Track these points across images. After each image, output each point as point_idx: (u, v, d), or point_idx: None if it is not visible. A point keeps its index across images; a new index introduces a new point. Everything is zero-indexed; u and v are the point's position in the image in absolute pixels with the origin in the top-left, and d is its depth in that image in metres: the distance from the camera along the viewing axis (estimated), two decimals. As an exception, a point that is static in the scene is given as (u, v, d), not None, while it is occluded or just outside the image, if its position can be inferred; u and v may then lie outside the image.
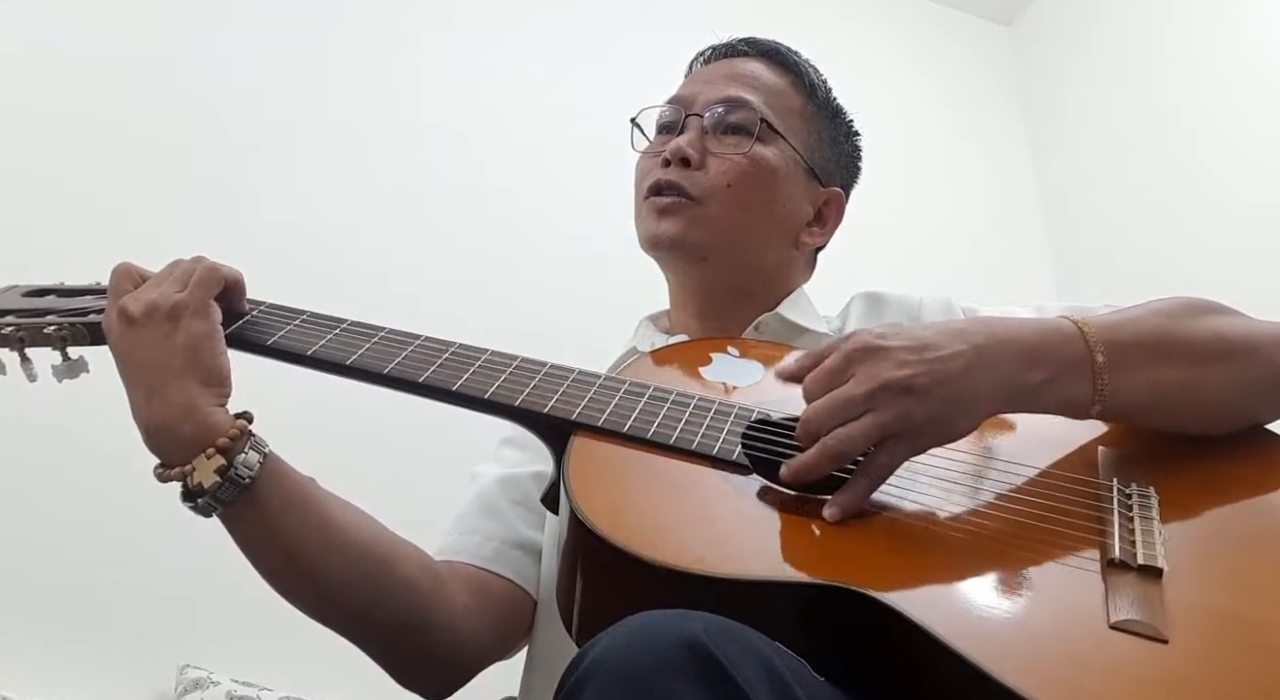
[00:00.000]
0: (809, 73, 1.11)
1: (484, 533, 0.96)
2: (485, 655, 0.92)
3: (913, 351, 0.70)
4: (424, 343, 0.83)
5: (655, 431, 0.75)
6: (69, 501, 1.70)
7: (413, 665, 0.89)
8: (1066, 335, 0.75)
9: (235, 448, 0.75)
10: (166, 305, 0.77)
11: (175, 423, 0.74)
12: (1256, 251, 2.29)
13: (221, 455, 0.74)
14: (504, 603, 0.93)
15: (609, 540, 0.63)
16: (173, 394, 0.75)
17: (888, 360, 0.70)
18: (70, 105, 1.97)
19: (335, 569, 0.80)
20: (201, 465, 0.74)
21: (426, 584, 0.86)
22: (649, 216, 1.02)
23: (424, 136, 2.27)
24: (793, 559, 0.65)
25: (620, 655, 0.52)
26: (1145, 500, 0.72)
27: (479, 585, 0.92)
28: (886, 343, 0.71)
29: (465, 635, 0.88)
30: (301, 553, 0.79)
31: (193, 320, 0.77)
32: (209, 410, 0.75)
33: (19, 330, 0.83)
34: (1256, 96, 2.39)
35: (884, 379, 0.69)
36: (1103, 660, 0.58)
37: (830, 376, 0.71)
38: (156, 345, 0.76)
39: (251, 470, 0.75)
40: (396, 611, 0.84)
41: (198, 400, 0.75)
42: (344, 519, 0.82)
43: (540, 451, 0.99)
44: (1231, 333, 0.80)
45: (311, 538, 0.79)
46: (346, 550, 0.81)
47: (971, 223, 2.84)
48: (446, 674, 0.90)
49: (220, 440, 0.74)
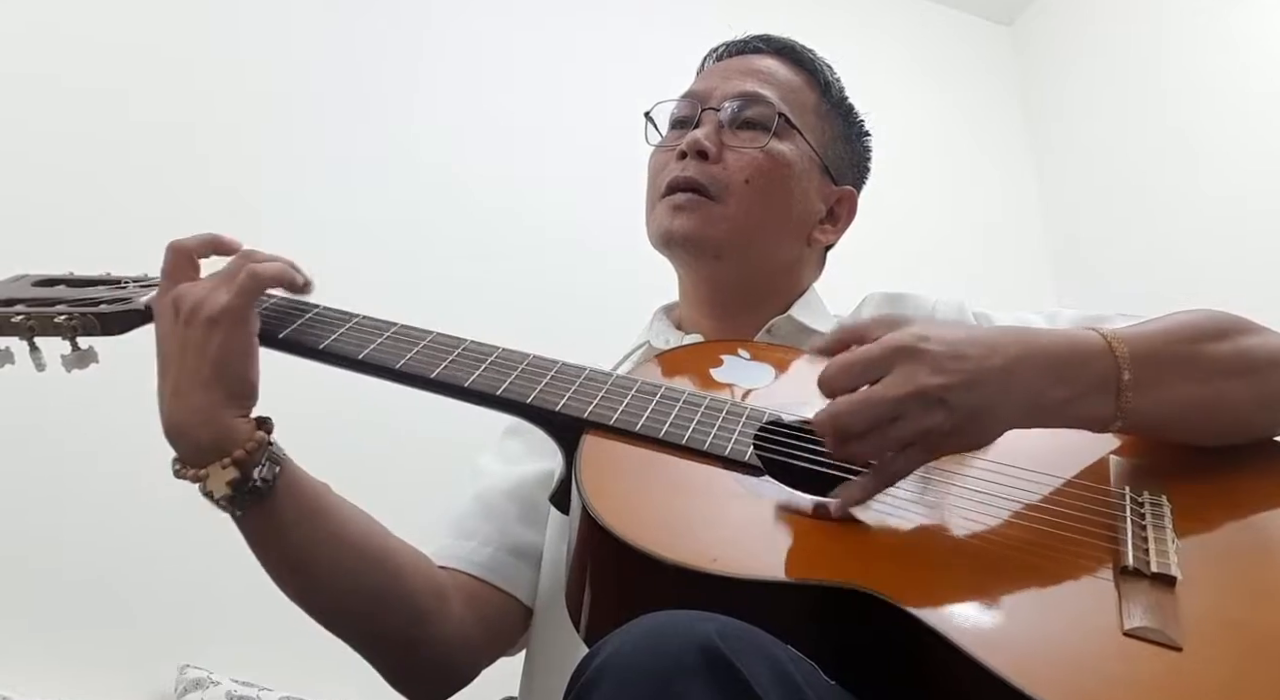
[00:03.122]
0: (824, 71, 1.11)
1: (481, 536, 0.96)
2: (475, 664, 0.93)
3: (952, 359, 0.68)
4: (435, 339, 0.83)
5: (667, 431, 0.75)
6: (70, 501, 1.69)
7: (406, 674, 0.90)
8: (1096, 351, 0.74)
9: (251, 461, 0.75)
10: (210, 311, 0.76)
11: (195, 428, 0.75)
12: (1256, 251, 2.29)
13: (236, 467, 0.74)
14: (496, 613, 0.94)
15: (622, 539, 0.63)
16: (197, 399, 0.75)
17: (926, 365, 0.68)
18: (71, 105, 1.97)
19: (340, 581, 0.82)
20: (216, 474, 0.74)
21: (428, 600, 0.87)
22: (664, 213, 1.01)
23: (424, 136, 2.27)
24: (805, 561, 0.65)
25: (632, 656, 0.52)
26: (1158, 509, 0.72)
27: (473, 596, 0.92)
28: (930, 347, 0.69)
29: (458, 647, 0.90)
30: (308, 563, 0.81)
31: (231, 331, 0.76)
32: (230, 421, 0.75)
33: (29, 319, 0.82)
34: (1256, 96, 2.39)
35: (920, 384, 0.67)
36: (1117, 668, 0.58)
37: (865, 368, 0.69)
38: (191, 348, 0.76)
39: (266, 482, 0.76)
40: (395, 626, 0.85)
41: (220, 410, 0.75)
42: (354, 532, 0.83)
43: (542, 444, 0.99)
44: (1255, 348, 0.80)
45: (319, 550, 0.80)
46: (353, 564, 0.82)
47: (971, 222, 2.84)
48: (438, 683, 0.92)
49: (237, 452, 0.74)
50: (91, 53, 2.02)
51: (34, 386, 0.92)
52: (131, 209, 1.91)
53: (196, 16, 2.16)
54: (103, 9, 2.07)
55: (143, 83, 2.05)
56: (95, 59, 2.02)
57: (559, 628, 0.87)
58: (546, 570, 0.96)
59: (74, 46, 2.01)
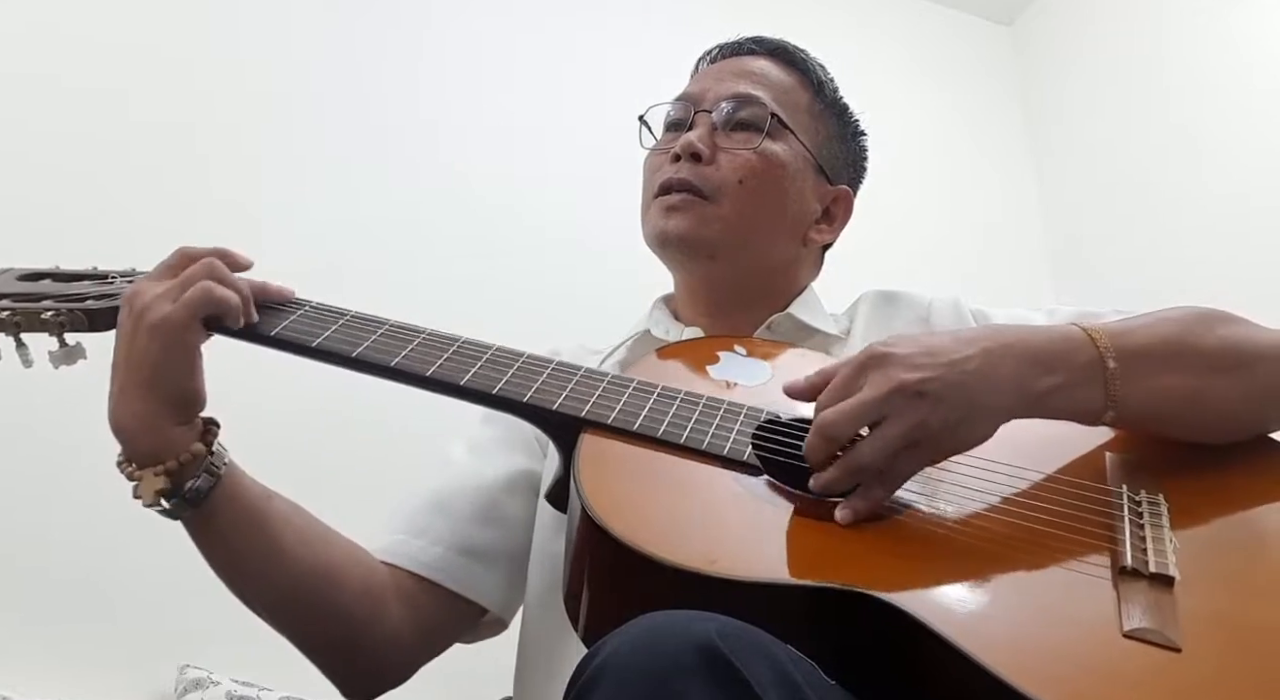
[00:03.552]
0: (816, 71, 1.11)
1: (432, 534, 0.95)
2: (412, 664, 0.94)
3: (923, 356, 0.70)
4: (429, 337, 0.83)
5: (665, 430, 0.75)
6: (69, 501, 1.69)
7: (341, 675, 0.91)
8: (1077, 342, 0.75)
9: (184, 472, 0.75)
10: (153, 316, 0.75)
11: (134, 433, 0.75)
12: (1256, 251, 2.28)
13: (167, 476, 0.74)
14: (440, 613, 0.94)
15: (621, 539, 0.63)
16: (135, 402, 0.75)
17: (899, 364, 0.70)
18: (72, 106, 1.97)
19: (272, 590, 0.84)
20: (147, 479, 0.74)
21: (362, 609, 0.87)
22: (658, 214, 1.01)
23: (424, 137, 2.27)
24: (805, 562, 0.65)
25: (631, 656, 0.52)
26: (1155, 508, 0.72)
27: (413, 597, 0.92)
28: (896, 349, 0.71)
29: (392, 651, 0.91)
30: (241, 572, 0.82)
31: (169, 338, 0.75)
32: (168, 430, 0.75)
33: (14, 315, 0.81)
34: (1256, 96, 2.39)
35: (897, 381, 0.68)
36: (1117, 669, 0.58)
37: (843, 388, 0.71)
38: (136, 351, 0.75)
39: (198, 494, 0.76)
40: (327, 634, 0.87)
41: (157, 416, 0.75)
42: (290, 543, 0.83)
43: (519, 434, 1.00)
44: (1242, 343, 0.80)
45: (253, 560, 0.81)
46: (285, 575, 0.83)
47: (971, 222, 2.83)
48: (372, 683, 0.92)
49: (170, 462, 0.75)
50: (92, 53, 2.02)
51: (31, 384, 0.92)
52: (131, 209, 1.91)
53: (197, 16, 2.16)
54: (103, 9, 2.07)
55: (143, 83, 2.05)
56: (95, 59, 2.02)
57: (552, 626, 0.87)
58: (536, 568, 0.96)
59: (74, 46, 2.01)
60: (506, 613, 0.99)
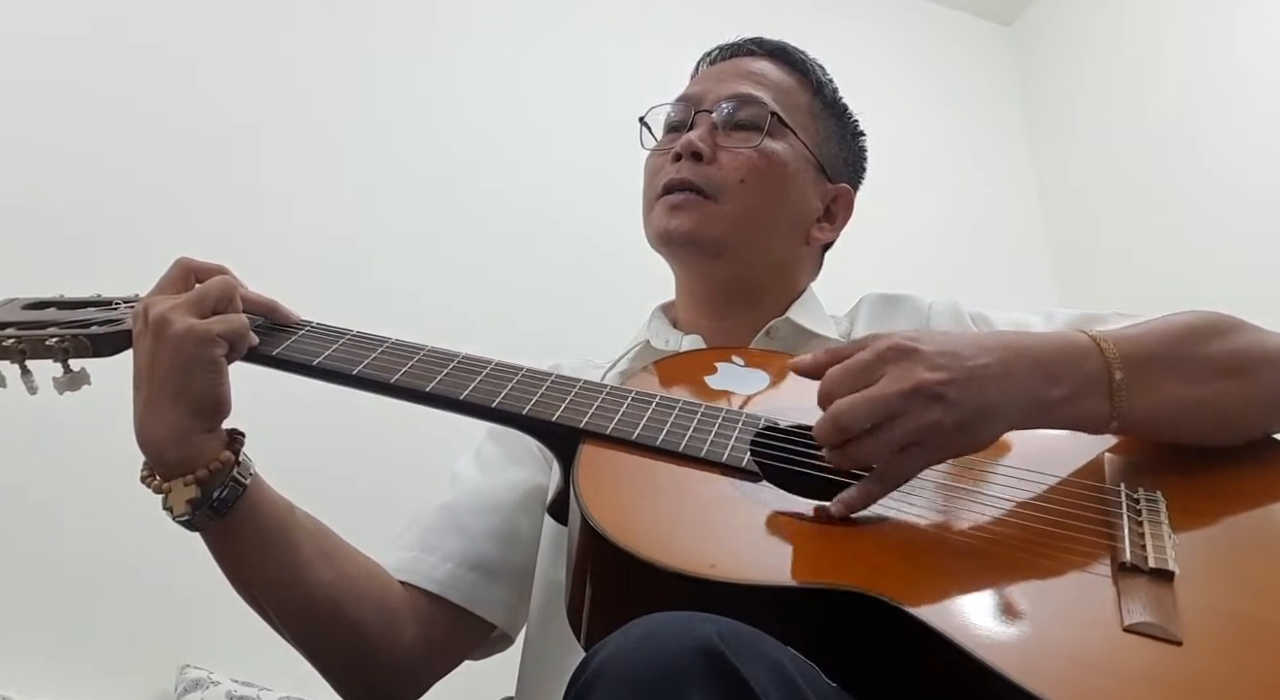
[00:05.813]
0: (816, 71, 1.11)
1: (443, 552, 0.95)
2: (425, 681, 0.94)
3: (946, 357, 0.69)
4: (429, 354, 0.83)
5: (664, 439, 0.75)
6: (69, 502, 1.69)
7: (351, 690, 0.91)
8: (1085, 351, 0.75)
9: (213, 481, 0.76)
10: (177, 328, 0.76)
11: (161, 444, 0.75)
12: (1256, 251, 2.29)
13: (198, 486, 0.75)
14: (452, 630, 0.94)
15: (621, 546, 0.63)
16: (164, 414, 0.75)
17: (923, 362, 0.69)
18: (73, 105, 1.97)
19: (291, 602, 0.84)
20: (177, 490, 0.75)
21: (375, 626, 0.88)
22: (661, 213, 1.02)
23: (424, 136, 2.27)
24: (805, 564, 0.65)
25: (630, 658, 0.52)
26: (1154, 505, 0.72)
27: (428, 613, 0.93)
28: (920, 346, 0.70)
29: (405, 669, 0.91)
30: (259, 584, 0.82)
31: (196, 350, 0.75)
32: (196, 438, 0.76)
33: (20, 343, 0.83)
34: (1256, 96, 2.39)
35: (919, 379, 0.68)
36: (1118, 664, 0.58)
37: (859, 373, 0.70)
38: (159, 362, 0.76)
39: (225, 504, 0.76)
40: (342, 650, 0.87)
41: (186, 427, 0.75)
42: (311, 556, 0.84)
43: (522, 449, 1.00)
44: (1247, 348, 0.80)
45: (272, 574, 0.82)
46: (305, 587, 0.83)
47: (971, 222, 2.84)
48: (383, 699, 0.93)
49: (200, 471, 0.75)
50: (92, 53, 2.02)
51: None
52: (132, 208, 1.91)
53: (197, 16, 2.16)
54: (103, 9, 2.07)
55: (143, 82, 2.05)
56: (95, 59, 2.02)
57: (555, 634, 0.88)
58: (540, 578, 0.96)
59: (74, 46, 2.01)
60: (513, 628, 0.99)
